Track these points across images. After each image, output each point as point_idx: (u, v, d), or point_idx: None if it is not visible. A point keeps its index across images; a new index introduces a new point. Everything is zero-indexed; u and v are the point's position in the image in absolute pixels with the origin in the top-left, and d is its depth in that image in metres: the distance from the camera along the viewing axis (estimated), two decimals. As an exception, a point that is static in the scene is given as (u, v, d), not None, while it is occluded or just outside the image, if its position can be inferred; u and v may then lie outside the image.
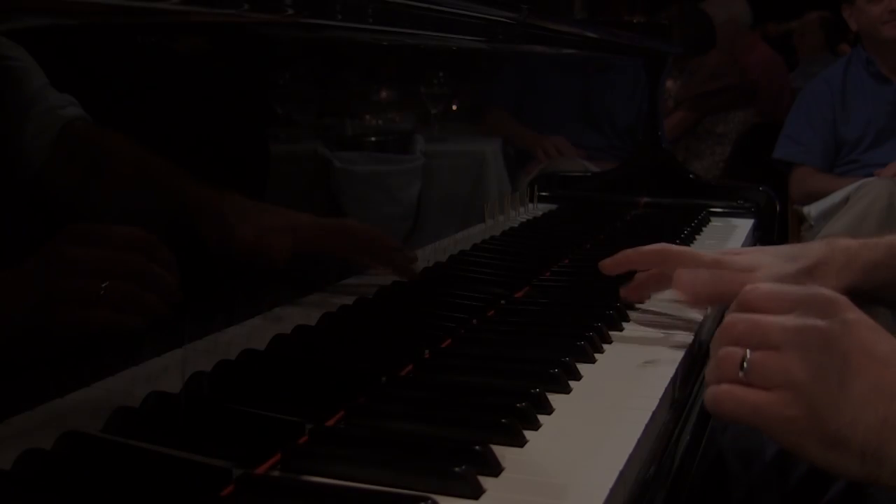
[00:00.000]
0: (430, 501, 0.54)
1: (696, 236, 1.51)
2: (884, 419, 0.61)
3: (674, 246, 1.02)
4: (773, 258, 0.97)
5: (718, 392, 0.65)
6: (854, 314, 0.66)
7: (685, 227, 1.50)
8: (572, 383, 0.77)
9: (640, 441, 0.67)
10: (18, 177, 0.68)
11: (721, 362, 0.67)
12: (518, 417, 0.67)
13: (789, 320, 0.66)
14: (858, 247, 0.95)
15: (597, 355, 0.86)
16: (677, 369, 0.83)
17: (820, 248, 0.96)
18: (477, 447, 0.60)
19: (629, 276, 1.03)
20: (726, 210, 1.77)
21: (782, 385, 0.64)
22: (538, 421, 0.68)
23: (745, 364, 0.64)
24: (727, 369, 0.66)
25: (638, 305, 1.04)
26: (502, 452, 0.62)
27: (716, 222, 1.68)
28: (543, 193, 1.72)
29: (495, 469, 0.60)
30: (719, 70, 3.98)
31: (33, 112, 0.69)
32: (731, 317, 0.69)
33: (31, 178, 0.70)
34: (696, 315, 1.00)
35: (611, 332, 0.93)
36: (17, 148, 0.68)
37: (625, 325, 0.98)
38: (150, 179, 0.80)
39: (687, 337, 0.93)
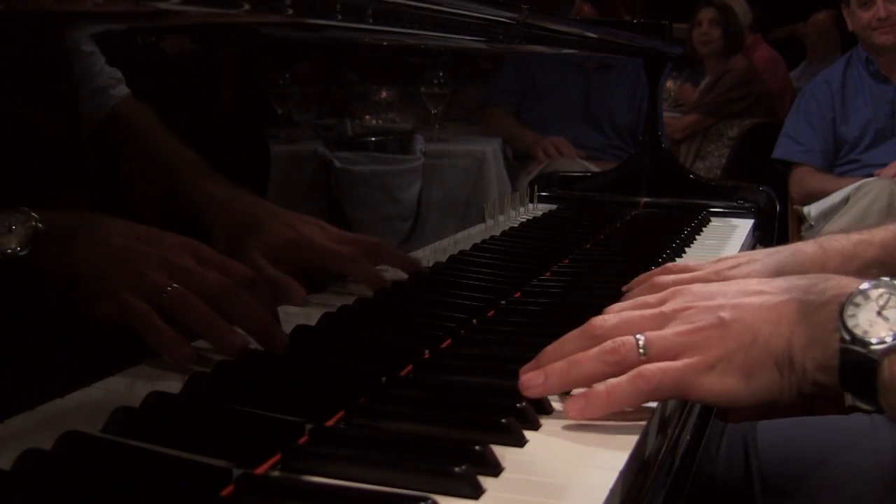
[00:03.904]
0: (430, 501, 0.54)
1: (696, 236, 1.51)
2: (771, 326, 0.66)
3: (676, 266, 1.01)
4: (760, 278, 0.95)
5: (646, 371, 0.67)
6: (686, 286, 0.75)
7: (685, 227, 1.50)
8: (572, 383, 0.77)
9: (639, 441, 0.67)
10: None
11: (616, 351, 0.69)
12: (518, 417, 0.67)
13: (645, 313, 0.73)
14: (853, 247, 0.95)
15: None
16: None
17: (813, 252, 0.96)
18: (477, 447, 0.60)
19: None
20: (726, 210, 1.77)
21: (686, 348, 0.68)
22: (538, 421, 0.68)
23: (641, 348, 0.68)
24: (628, 354, 0.69)
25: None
26: (502, 452, 0.62)
27: (716, 222, 1.68)
28: (543, 193, 1.72)
29: (495, 469, 0.60)
30: (746, 77, 3.99)
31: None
32: (592, 320, 0.74)
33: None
34: None
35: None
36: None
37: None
38: (155, 179, 0.81)
39: None
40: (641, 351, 0.69)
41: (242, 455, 0.60)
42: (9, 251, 0.63)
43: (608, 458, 0.63)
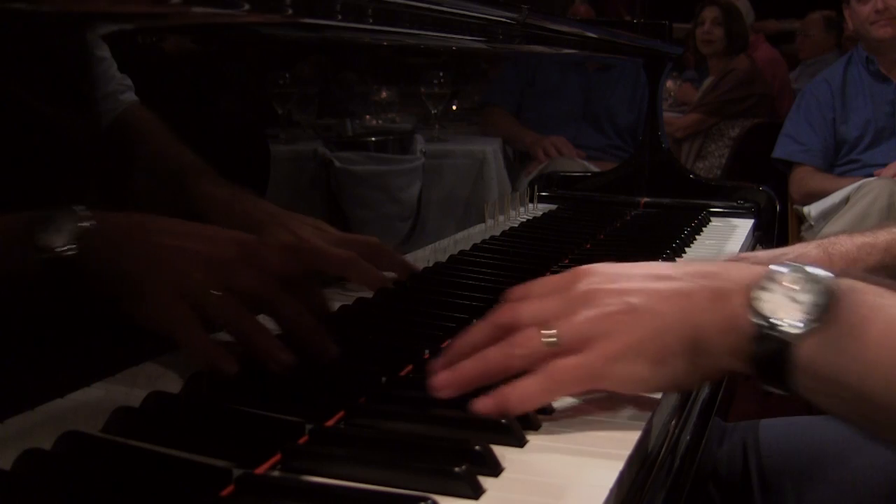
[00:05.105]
0: (430, 501, 0.54)
1: (696, 236, 1.51)
2: (682, 312, 0.65)
3: None
4: None
5: (553, 370, 0.66)
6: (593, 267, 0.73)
7: (685, 227, 1.50)
8: (572, 383, 0.77)
9: (640, 441, 0.67)
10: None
11: (524, 345, 0.68)
12: (518, 417, 0.67)
13: (553, 297, 0.71)
14: (857, 251, 0.95)
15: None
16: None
17: (817, 256, 0.96)
18: (477, 447, 0.60)
19: None
20: (726, 210, 1.77)
21: (595, 335, 0.66)
22: (538, 421, 0.68)
23: (550, 338, 0.67)
24: (536, 347, 0.67)
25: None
26: (502, 452, 0.62)
27: (716, 222, 1.68)
28: (543, 193, 1.72)
29: (495, 469, 0.60)
30: (749, 77, 3.99)
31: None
32: (498, 308, 0.72)
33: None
34: None
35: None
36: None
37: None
38: (156, 184, 0.81)
39: None
40: (551, 340, 0.67)
41: (242, 455, 0.60)
42: (57, 249, 0.63)
43: (608, 458, 0.63)
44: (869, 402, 0.59)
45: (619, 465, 0.61)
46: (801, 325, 0.60)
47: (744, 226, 1.67)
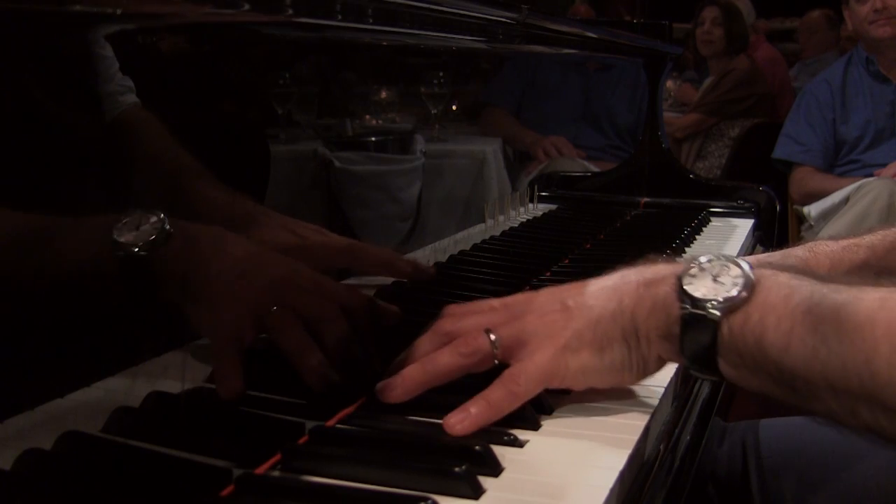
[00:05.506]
0: (430, 501, 0.54)
1: (696, 236, 1.51)
2: (614, 303, 0.69)
3: None
4: None
5: (513, 373, 0.68)
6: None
7: (685, 227, 1.50)
8: (572, 383, 0.77)
9: (640, 441, 0.67)
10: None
11: (468, 343, 0.70)
12: (518, 418, 0.67)
13: (493, 311, 0.74)
14: (841, 251, 0.95)
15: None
16: (676, 372, 0.83)
17: (803, 255, 0.96)
18: (477, 447, 0.60)
19: None
20: (726, 210, 1.77)
21: (534, 335, 0.70)
22: (538, 421, 0.68)
23: (492, 340, 0.70)
24: (480, 345, 0.70)
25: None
26: (502, 452, 0.62)
27: (716, 222, 1.68)
28: (543, 193, 1.72)
29: (495, 469, 0.60)
30: (749, 77, 3.99)
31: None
32: (438, 321, 0.75)
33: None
34: None
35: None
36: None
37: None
38: (154, 187, 0.81)
39: None
40: (492, 339, 0.70)
41: (242, 455, 0.60)
42: (135, 249, 0.66)
43: (608, 458, 0.63)
44: (791, 372, 0.60)
45: (619, 466, 0.61)
46: (724, 302, 0.63)
47: (744, 226, 1.67)
